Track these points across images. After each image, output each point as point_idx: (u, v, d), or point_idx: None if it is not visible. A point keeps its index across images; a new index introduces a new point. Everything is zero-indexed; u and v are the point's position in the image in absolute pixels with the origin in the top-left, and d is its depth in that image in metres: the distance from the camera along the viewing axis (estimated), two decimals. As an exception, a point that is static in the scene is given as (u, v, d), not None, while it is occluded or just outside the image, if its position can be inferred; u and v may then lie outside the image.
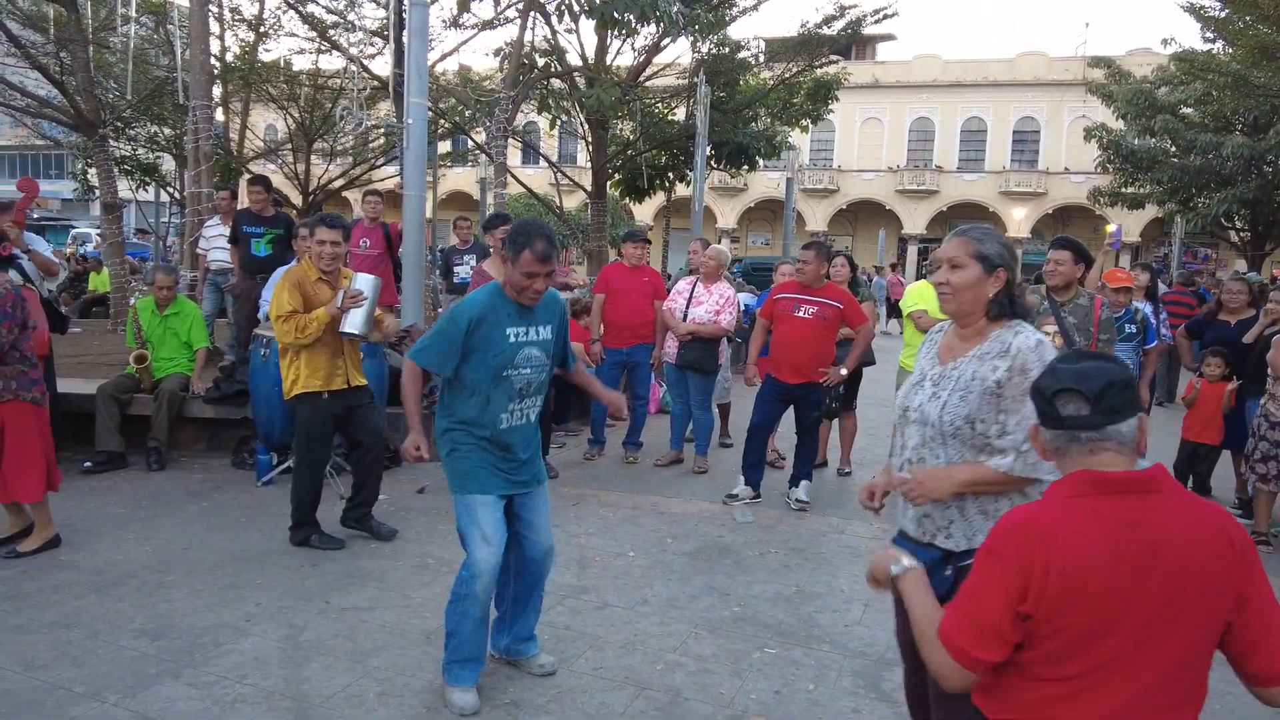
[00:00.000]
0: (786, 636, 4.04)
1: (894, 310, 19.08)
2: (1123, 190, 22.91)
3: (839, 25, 14.64)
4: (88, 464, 6.26)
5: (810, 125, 16.09)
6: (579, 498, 6.10)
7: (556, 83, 13.52)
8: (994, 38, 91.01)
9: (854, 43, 18.60)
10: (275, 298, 4.89)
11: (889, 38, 40.53)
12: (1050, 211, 38.95)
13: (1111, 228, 23.56)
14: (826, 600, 4.47)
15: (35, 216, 21.35)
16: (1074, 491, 1.68)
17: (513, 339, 3.27)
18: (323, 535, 4.99)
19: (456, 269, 9.03)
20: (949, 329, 2.55)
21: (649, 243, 7.39)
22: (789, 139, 16.36)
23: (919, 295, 6.63)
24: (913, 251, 40.10)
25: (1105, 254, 24.84)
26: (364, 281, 4.82)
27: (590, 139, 14.56)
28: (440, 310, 10.35)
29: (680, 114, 15.29)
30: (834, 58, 16.18)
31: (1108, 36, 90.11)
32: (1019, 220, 39.00)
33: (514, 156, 24.41)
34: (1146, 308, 6.88)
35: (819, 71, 15.57)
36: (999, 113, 39.32)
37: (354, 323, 4.78)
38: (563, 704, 3.38)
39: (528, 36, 11.75)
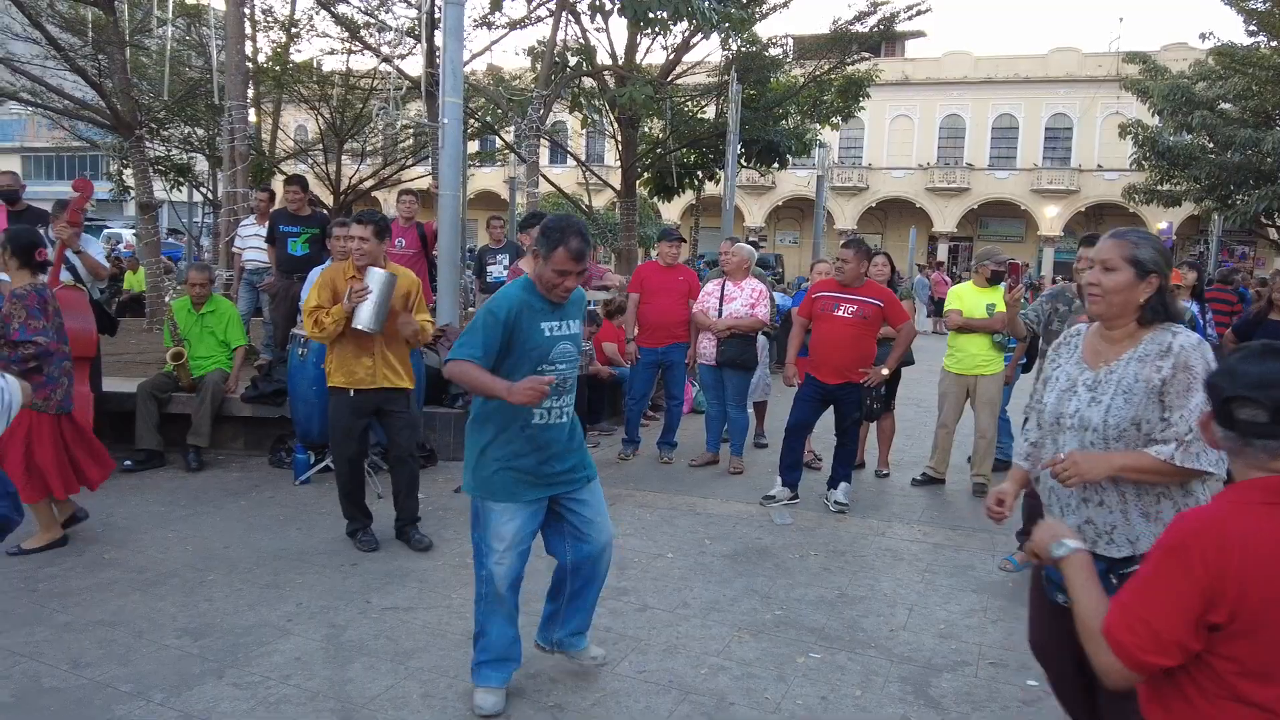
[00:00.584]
0: (830, 641, 3.98)
1: (939, 309, 18.94)
2: (1158, 187, 22.56)
3: (871, 22, 14.52)
4: (128, 463, 6.30)
5: (840, 123, 15.98)
6: (615, 498, 6.06)
7: (588, 81, 13.51)
8: (1025, 34, 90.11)
9: (884, 40, 18.42)
10: (310, 293, 4.92)
11: (919, 35, 40.08)
12: (1083, 209, 38.47)
13: (1162, 225, 23.20)
14: (870, 604, 4.41)
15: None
16: (1265, 498, 1.60)
17: (548, 333, 3.21)
18: (365, 533, 4.98)
19: (490, 268, 9.03)
20: (1089, 332, 2.53)
21: (684, 241, 7.35)
22: (819, 136, 16.25)
23: (956, 296, 6.55)
24: (943, 250, 39.76)
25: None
26: (373, 277, 4.69)
27: (620, 138, 14.54)
28: (473, 309, 10.36)
29: (710, 112, 15.23)
30: (865, 55, 16.04)
31: (1142, 32, 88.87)
32: (1051, 218, 38.57)
33: (542, 156, 24.47)
34: (1193, 307, 6.73)
35: (850, 69, 15.46)
36: (1031, 109, 38.89)
37: (361, 318, 4.69)
38: (607, 707, 3.34)
39: (560, 35, 11.76)
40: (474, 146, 21.65)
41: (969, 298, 6.42)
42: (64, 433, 4.77)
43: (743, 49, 13.79)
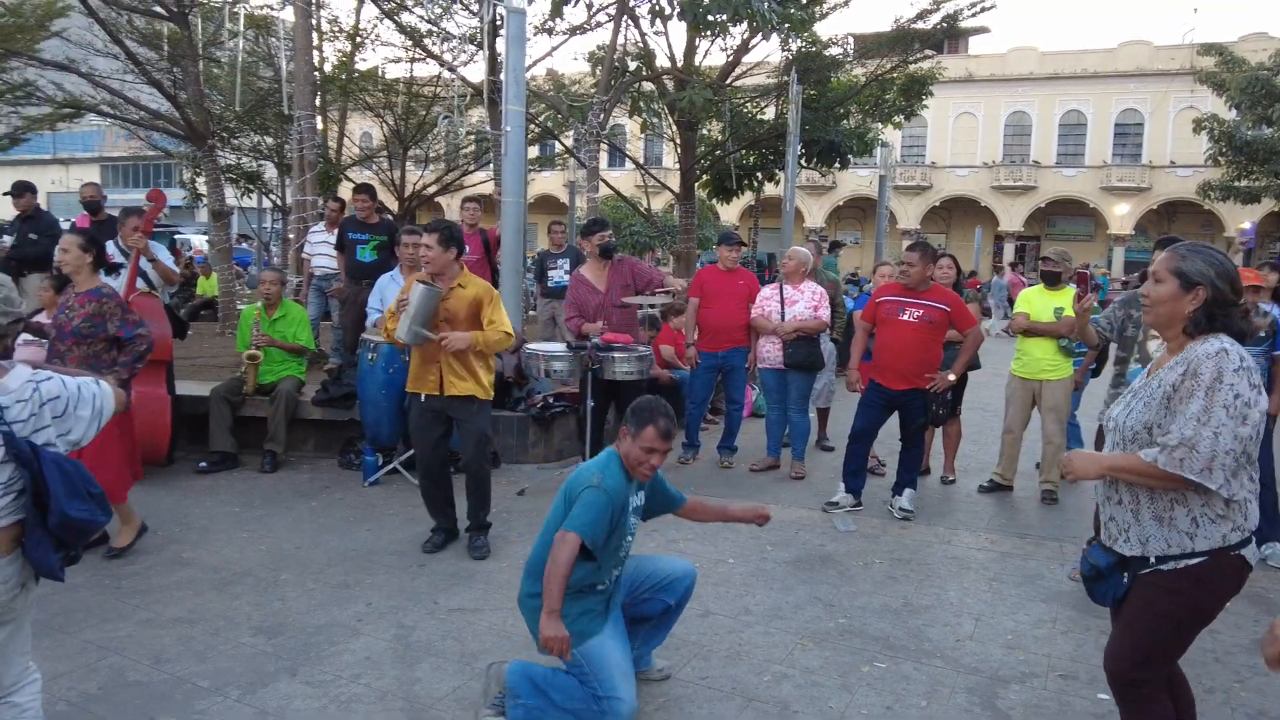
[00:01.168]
0: (895, 650, 3.94)
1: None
2: (1236, 184, 21.83)
3: (934, 20, 14.29)
4: (202, 464, 6.51)
5: (903, 122, 15.76)
6: (676, 502, 6.07)
7: (647, 85, 13.54)
8: (1092, 29, 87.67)
9: (947, 37, 18.11)
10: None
11: (983, 30, 39.37)
12: (1155, 207, 37.39)
13: (1245, 225, 22.48)
14: (935, 613, 4.35)
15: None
16: None
17: (630, 506, 3.29)
18: (432, 536, 5.07)
19: (550, 272, 9.12)
20: (1167, 346, 2.60)
21: (744, 245, 7.33)
22: (881, 136, 16.05)
23: (1024, 299, 6.43)
24: (1009, 250, 38.96)
25: (1234, 252, 23.67)
26: (413, 291, 4.73)
27: (679, 140, 14.54)
28: (535, 314, 10.46)
29: (770, 113, 15.14)
30: (927, 53, 15.79)
31: (1218, 22, 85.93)
32: (1121, 216, 37.54)
33: (601, 159, 24.58)
34: (1276, 310, 6.49)
35: (912, 67, 15.23)
36: (1100, 105, 37.91)
37: (398, 330, 4.77)
38: (670, 712, 3.36)
39: (619, 40, 11.81)
40: (534, 151, 21.87)
41: (1037, 301, 6.29)
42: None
43: (803, 49, 13.69)
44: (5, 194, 8.35)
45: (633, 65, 12.12)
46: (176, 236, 26.55)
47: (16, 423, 2.29)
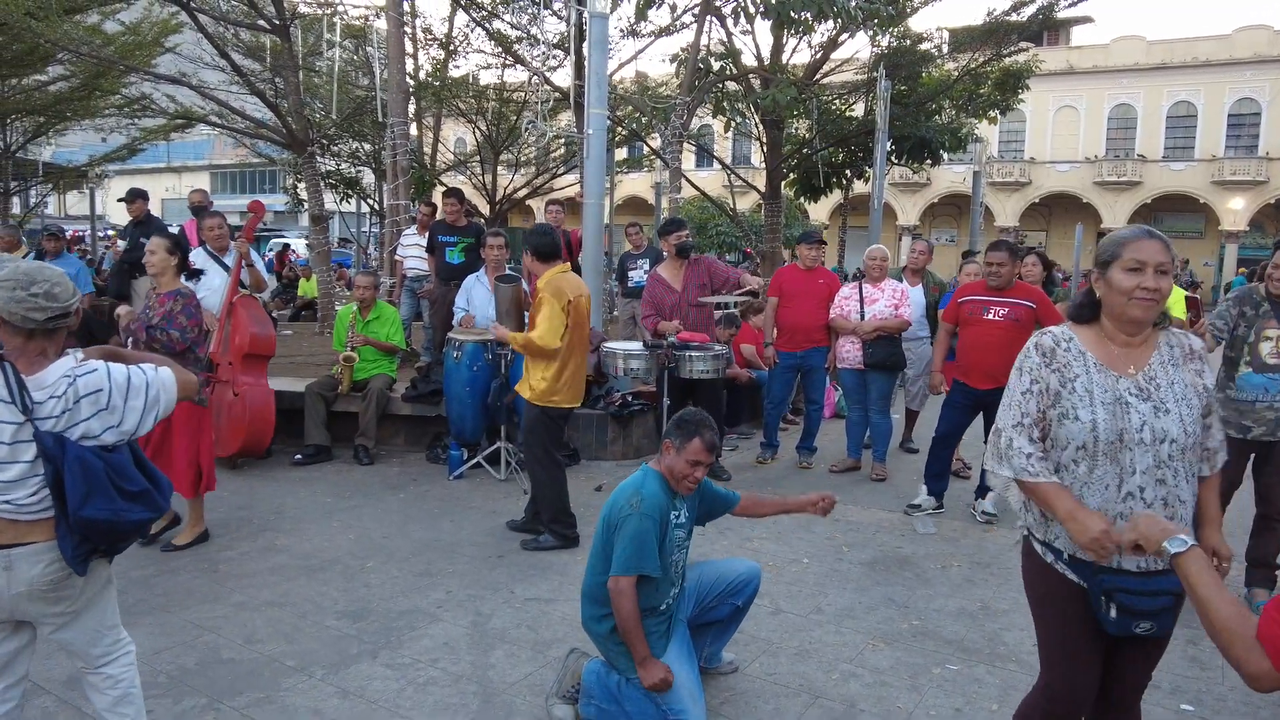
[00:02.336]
0: (969, 653, 3.88)
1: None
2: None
3: (1029, 11, 13.88)
4: (298, 456, 6.81)
5: (999, 116, 15.35)
6: (753, 501, 6.08)
7: (732, 85, 13.52)
8: (1202, 16, 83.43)
9: (1045, 29, 17.55)
10: None
11: (1085, 20, 38.10)
12: (1273, 201, 35.41)
13: None
14: (1013, 617, 4.26)
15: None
16: None
17: (673, 523, 3.26)
18: (542, 532, 5.20)
19: (631, 273, 9.21)
20: (1084, 340, 2.36)
21: (824, 244, 7.26)
22: (975, 131, 15.67)
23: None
24: (1112, 248, 37.40)
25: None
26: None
27: (765, 139, 14.47)
28: (616, 314, 10.58)
29: (859, 109, 14.94)
30: (1024, 45, 15.34)
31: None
32: (1236, 212, 35.67)
33: (687, 160, 24.60)
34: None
35: (1007, 60, 14.82)
36: (1211, 95, 36.09)
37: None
38: (736, 706, 3.39)
39: (703, 40, 11.84)
40: (622, 154, 22.09)
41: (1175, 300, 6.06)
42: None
43: (893, 44, 13.47)
44: (120, 200, 8.86)
45: (717, 65, 12.11)
46: (286, 243, 27.73)
47: (49, 419, 2.35)
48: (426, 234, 8.72)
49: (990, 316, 5.68)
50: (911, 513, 5.87)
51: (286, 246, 25.57)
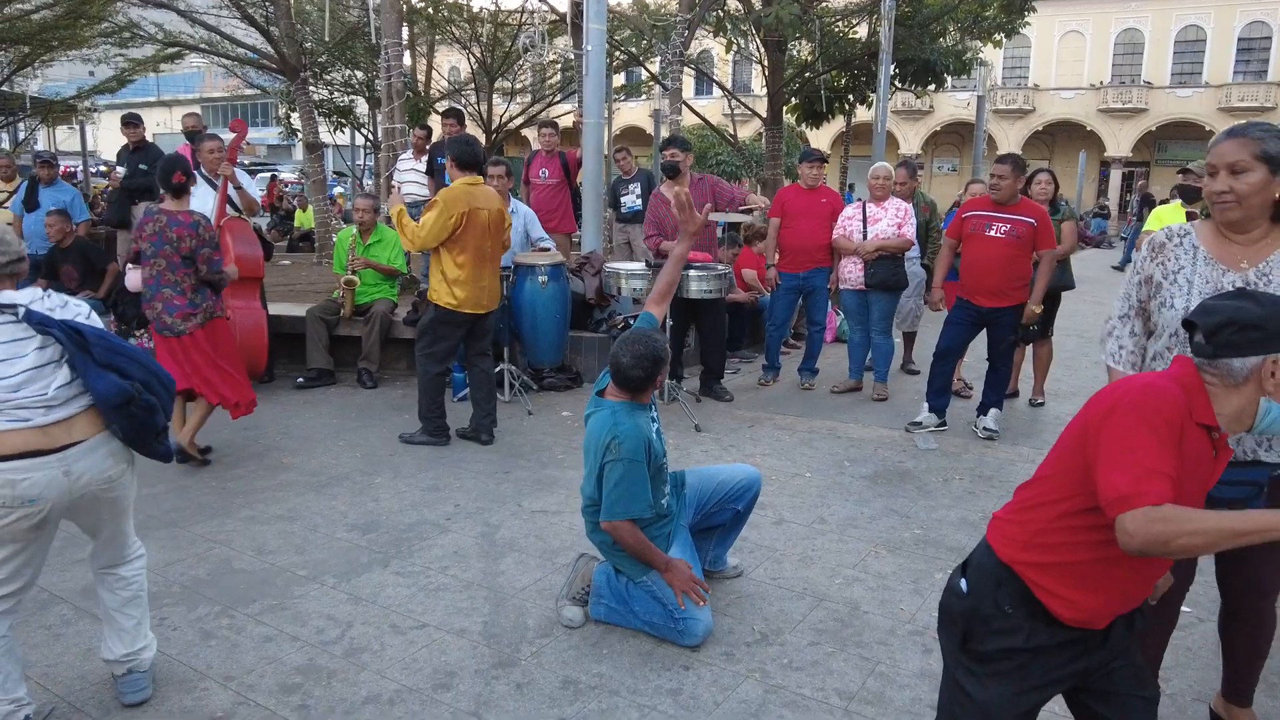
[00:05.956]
0: (971, 558, 3.93)
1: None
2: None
3: (1038, -72, 13.53)
4: (300, 380, 6.83)
5: (1004, 40, 15.05)
6: (754, 420, 6.12)
7: (733, 4, 13.23)
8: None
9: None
10: None
11: (1094, -59, 37.10)
12: (1281, 128, 34.92)
13: None
14: (1015, 525, 4.30)
15: (247, 163, 23.28)
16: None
17: (655, 435, 3.27)
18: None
19: (623, 199, 9.10)
20: (1196, 237, 2.37)
21: (825, 162, 7.16)
22: (980, 55, 15.38)
23: (1156, 219, 6.17)
24: (1116, 176, 37.11)
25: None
26: None
27: (766, 62, 14.21)
28: (613, 241, 10.50)
29: (862, 31, 14.65)
30: (1031, -35, 14.98)
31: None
32: (1242, 138, 35.15)
33: (687, 88, 24.15)
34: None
35: (1014, -20, 14.48)
36: (1222, 19, 35.34)
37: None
38: (742, 607, 3.44)
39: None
40: (619, 80, 21.72)
41: (1171, 219, 6.02)
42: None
43: (896, -37, 13.15)
44: (122, 124, 8.73)
45: (718, -17, 11.85)
46: (274, 174, 27.41)
47: (40, 309, 2.47)
48: (424, 158, 8.61)
49: (992, 233, 5.61)
50: (913, 429, 5.90)
51: (274, 176, 25.27)
